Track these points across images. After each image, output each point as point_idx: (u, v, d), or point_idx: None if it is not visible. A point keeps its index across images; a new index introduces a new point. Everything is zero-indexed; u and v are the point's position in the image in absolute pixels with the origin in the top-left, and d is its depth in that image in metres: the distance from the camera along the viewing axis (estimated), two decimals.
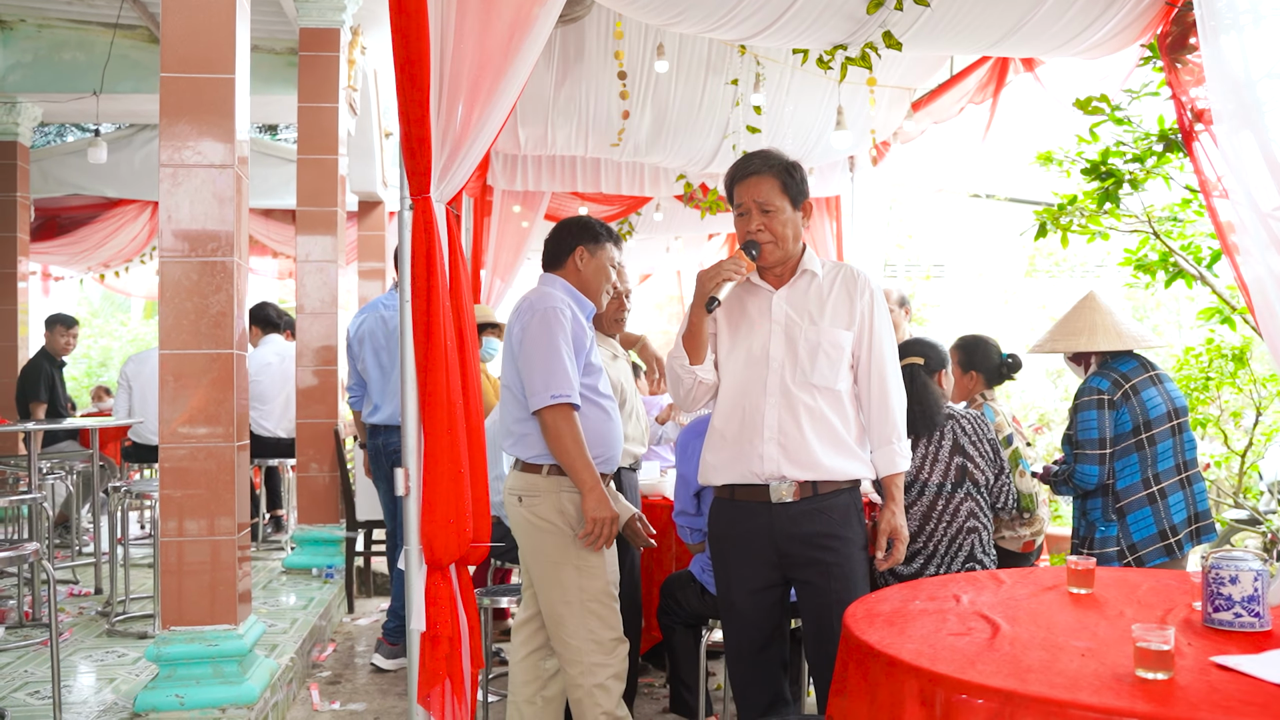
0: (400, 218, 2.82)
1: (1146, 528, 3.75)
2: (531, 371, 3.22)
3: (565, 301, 3.32)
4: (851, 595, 2.91)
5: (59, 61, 8.10)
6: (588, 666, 3.23)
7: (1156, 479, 3.76)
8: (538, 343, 3.23)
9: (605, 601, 3.27)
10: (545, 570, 3.29)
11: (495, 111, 2.90)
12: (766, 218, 2.99)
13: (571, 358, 3.23)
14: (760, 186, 3.00)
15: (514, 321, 3.35)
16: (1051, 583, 2.68)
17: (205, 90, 3.79)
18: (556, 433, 3.18)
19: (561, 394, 3.18)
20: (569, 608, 3.24)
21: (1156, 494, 3.75)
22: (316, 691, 4.62)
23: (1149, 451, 3.77)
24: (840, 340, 2.98)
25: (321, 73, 6.67)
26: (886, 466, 3.04)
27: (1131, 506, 3.77)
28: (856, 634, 2.22)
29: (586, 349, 3.33)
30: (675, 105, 6.49)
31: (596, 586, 3.26)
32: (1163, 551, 3.72)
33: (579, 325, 3.32)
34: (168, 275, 3.77)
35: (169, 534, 3.75)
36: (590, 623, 3.24)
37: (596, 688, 3.23)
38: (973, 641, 2.12)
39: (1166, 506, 3.74)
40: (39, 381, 7.44)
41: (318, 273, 6.67)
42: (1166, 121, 4.78)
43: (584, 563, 3.25)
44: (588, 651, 3.23)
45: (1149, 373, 3.87)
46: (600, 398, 3.37)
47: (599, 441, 3.33)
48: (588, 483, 3.18)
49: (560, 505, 3.26)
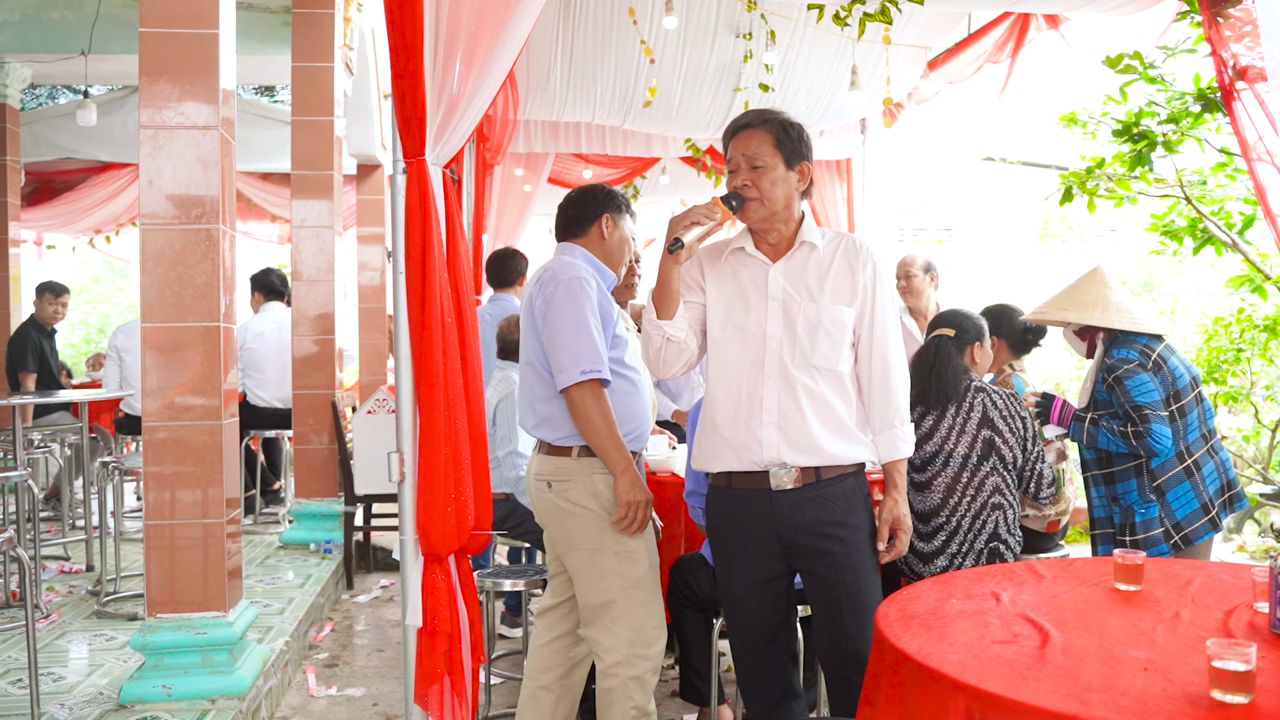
0: (393, 182, 2.61)
1: (1189, 503, 3.58)
2: (557, 346, 3.02)
3: (589, 271, 3.13)
4: (860, 586, 2.75)
5: (47, 20, 7.82)
6: (627, 658, 3.04)
7: (1189, 450, 3.60)
8: (563, 315, 3.03)
9: (648, 588, 3.09)
10: (582, 558, 3.09)
11: (495, 68, 2.68)
12: (755, 174, 2.74)
13: (599, 330, 3.04)
14: (752, 140, 2.76)
15: (536, 293, 3.13)
16: (1095, 578, 2.48)
17: (187, 47, 3.56)
18: (585, 411, 2.99)
19: (592, 369, 2.98)
20: (610, 595, 3.05)
21: (1192, 466, 3.58)
22: (313, 675, 4.46)
23: (1180, 423, 3.59)
24: (842, 317, 2.76)
25: (316, 31, 6.41)
26: (889, 452, 2.83)
27: (1170, 483, 3.59)
28: (891, 640, 2.03)
29: (614, 320, 3.13)
30: (683, 67, 6.27)
31: (638, 572, 3.07)
32: (1208, 526, 3.57)
33: (605, 296, 3.12)
34: (149, 244, 3.56)
35: (155, 517, 3.57)
36: (634, 611, 3.05)
37: (633, 680, 3.05)
38: (1021, 651, 1.92)
39: (1203, 478, 3.59)
40: (26, 351, 7.23)
41: (314, 239, 6.45)
42: (1203, 80, 4.55)
43: (623, 547, 3.06)
44: (630, 642, 3.04)
45: (1165, 344, 3.70)
46: (628, 370, 3.17)
47: (629, 417, 3.14)
48: (619, 464, 3.00)
49: (594, 488, 3.07)
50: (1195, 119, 4.54)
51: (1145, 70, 4.64)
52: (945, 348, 3.60)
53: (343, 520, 6.13)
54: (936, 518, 3.49)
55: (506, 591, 5.01)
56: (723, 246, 2.87)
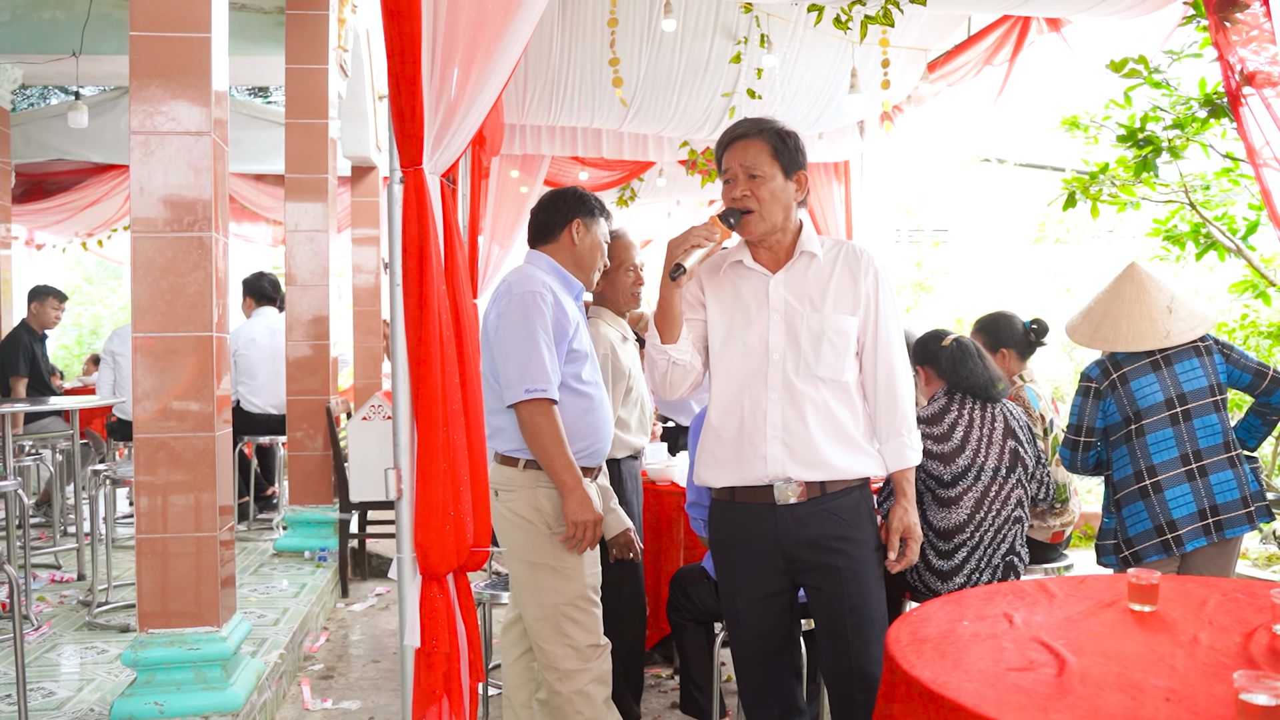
0: (390, 191, 2.54)
1: (1141, 522, 3.52)
2: (507, 362, 3.00)
3: (546, 284, 3.08)
4: (865, 600, 2.71)
5: (38, 21, 7.74)
6: (565, 673, 3.04)
7: (1151, 471, 3.51)
8: (514, 331, 3.00)
9: (583, 606, 3.06)
10: (520, 570, 3.08)
11: (495, 74, 2.61)
12: (753, 184, 2.68)
13: (551, 347, 3.00)
14: (749, 150, 2.70)
15: (490, 306, 3.12)
16: (1109, 597, 2.43)
17: (179, 50, 3.49)
18: (534, 429, 2.96)
19: (537, 388, 2.95)
20: (544, 611, 3.04)
21: (1149, 487, 3.50)
22: (308, 688, 4.39)
23: (1137, 443, 3.54)
24: (845, 327, 2.70)
25: (310, 32, 6.34)
26: (897, 461, 2.77)
27: (1125, 500, 3.57)
28: (904, 667, 1.97)
29: (570, 335, 3.08)
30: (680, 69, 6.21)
31: (574, 590, 3.04)
32: (1159, 548, 3.48)
33: (560, 309, 3.06)
34: (140, 252, 3.49)
35: (147, 529, 3.50)
36: (566, 628, 3.03)
37: (576, 694, 3.04)
38: (1038, 680, 1.87)
39: (1162, 501, 3.49)
40: (18, 355, 7.15)
41: (308, 242, 6.38)
42: (1209, 84, 4.50)
43: (561, 564, 3.03)
44: (564, 658, 3.03)
45: (1150, 358, 3.56)
46: (584, 385, 3.12)
47: (583, 433, 3.11)
48: (568, 483, 2.97)
49: (536, 502, 3.04)
50: (1201, 124, 4.50)
51: (1150, 75, 4.59)
52: (977, 346, 3.62)
53: (337, 527, 6.06)
54: (960, 534, 3.44)
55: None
56: (720, 260, 2.80)
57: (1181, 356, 3.56)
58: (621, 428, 3.65)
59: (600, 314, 3.74)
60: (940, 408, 3.55)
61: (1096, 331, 3.66)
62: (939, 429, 3.50)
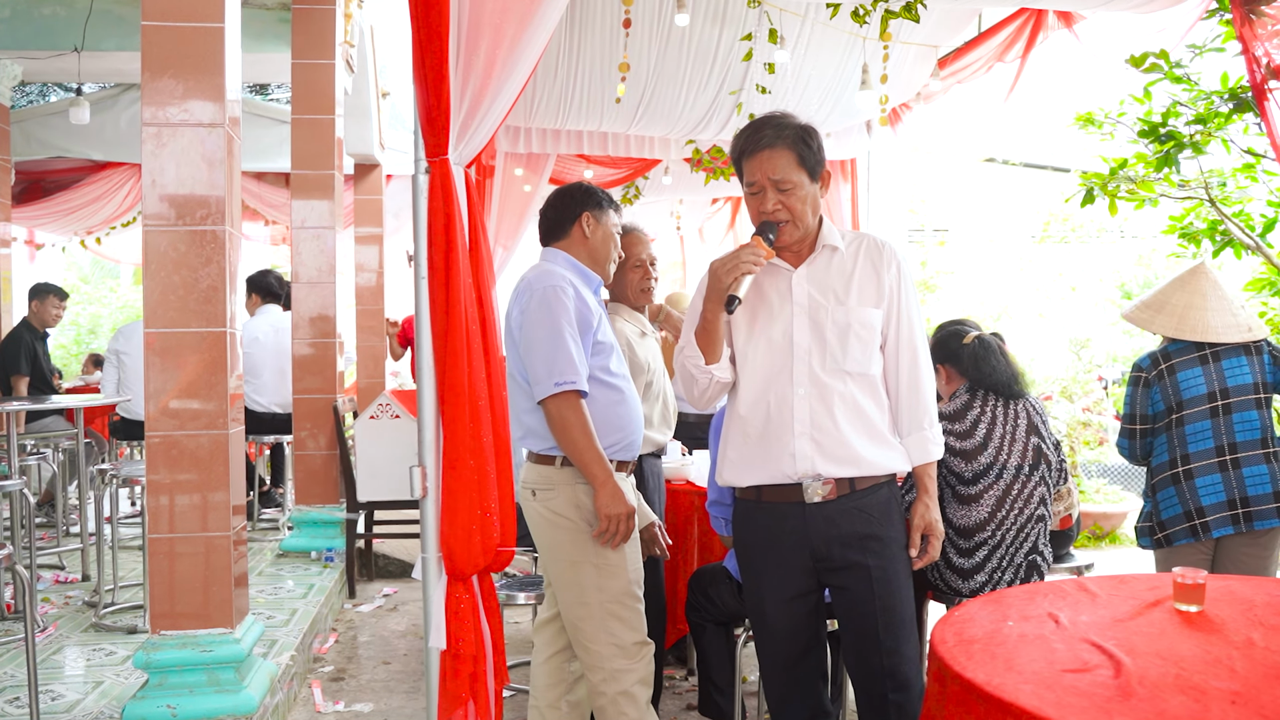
0: (415, 183, 2.48)
1: (1172, 507, 3.69)
2: (534, 359, 2.94)
3: (567, 278, 3.03)
4: (895, 601, 2.65)
5: (38, 16, 7.66)
6: (610, 673, 2.97)
7: (1185, 459, 3.67)
8: (539, 326, 2.95)
9: (628, 603, 3.00)
10: (562, 569, 3.02)
11: (521, 62, 2.55)
12: (784, 195, 2.63)
13: (576, 339, 2.95)
14: (775, 161, 2.64)
15: (512, 304, 3.07)
16: (1151, 596, 2.37)
17: (191, 41, 3.43)
18: (563, 423, 2.91)
19: (566, 380, 2.90)
20: (588, 609, 2.98)
21: (1181, 474, 3.67)
22: (319, 690, 4.32)
23: (1176, 432, 3.70)
24: (870, 319, 2.66)
25: (317, 26, 6.27)
26: (920, 455, 2.73)
27: (1160, 485, 3.74)
28: (955, 668, 1.91)
29: (594, 327, 3.03)
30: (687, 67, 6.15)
31: (618, 586, 2.98)
32: (1188, 532, 3.65)
33: (583, 303, 3.02)
34: (152, 246, 3.42)
35: (157, 529, 3.44)
36: (611, 626, 2.97)
37: (621, 695, 2.97)
38: (1095, 682, 1.81)
39: (1193, 488, 3.64)
40: (20, 353, 7.06)
41: (314, 239, 6.31)
42: (1231, 79, 4.45)
43: (603, 561, 2.97)
44: (609, 657, 2.97)
45: (1200, 352, 3.71)
46: (612, 378, 3.07)
47: (613, 427, 3.05)
48: (599, 476, 2.91)
49: (576, 499, 2.99)
50: (1224, 119, 4.44)
51: (1170, 70, 4.54)
52: (998, 343, 3.60)
53: (344, 528, 6.00)
54: (981, 533, 3.39)
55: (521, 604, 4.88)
56: None
57: (1230, 353, 3.69)
58: (644, 423, 3.59)
59: (616, 309, 3.69)
60: (963, 404, 3.50)
61: (1182, 322, 3.75)
62: (961, 425, 3.45)
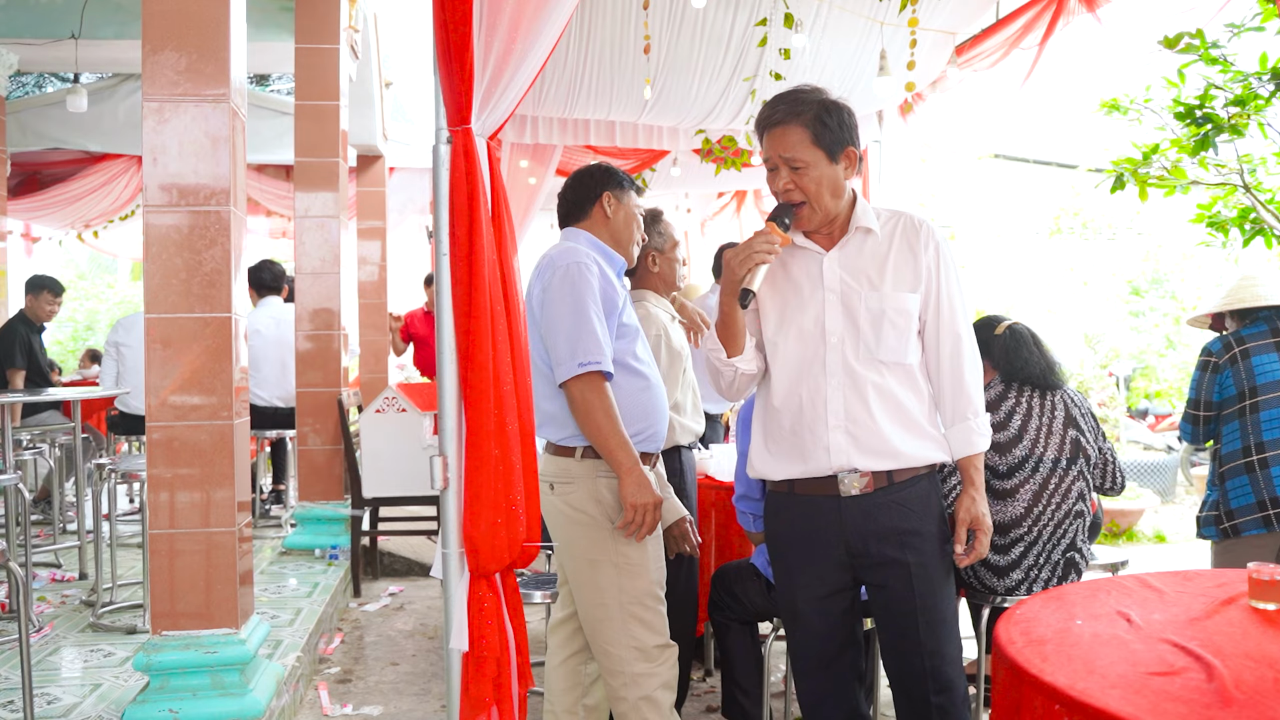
0: (436, 153, 2.33)
1: (1244, 496, 3.58)
2: (556, 338, 2.77)
3: (591, 256, 2.86)
4: (936, 599, 2.50)
5: (35, 3, 7.50)
6: (631, 677, 2.80)
7: (1259, 447, 3.56)
8: (562, 304, 2.77)
9: (649, 604, 2.82)
10: (580, 568, 2.85)
11: (547, 28, 2.40)
12: (796, 175, 2.47)
13: (602, 319, 2.77)
14: (787, 138, 2.47)
15: (534, 281, 2.89)
16: (1223, 594, 2.23)
17: (194, 12, 3.27)
18: (586, 407, 2.73)
19: (591, 360, 2.72)
20: (607, 611, 2.80)
21: (1256, 463, 3.56)
22: (325, 692, 4.17)
23: (1250, 419, 3.58)
24: (907, 305, 2.50)
25: (320, 12, 6.11)
26: (963, 447, 2.55)
27: (1230, 473, 3.63)
28: (1031, 670, 1.76)
29: (619, 309, 2.86)
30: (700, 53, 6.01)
31: (639, 587, 2.81)
32: (1260, 523, 3.54)
33: (608, 282, 2.85)
34: (154, 228, 3.26)
35: (158, 525, 3.28)
36: (632, 628, 2.80)
37: (643, 700, 2.80)
38: (1188, 686, 1.66)
39: (1268, 477, 3.53)
40: (15, 347, 6.90)
41: (318, 230, 6.15)
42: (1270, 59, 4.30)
43: (624, 559, 2.80)
44: (630, 661, 2.79)
45: (1276, 337, 3.63)
46: (637, 363, 2.89)
47: (638, 415, 2.87)
48: (624, 464, 2.73)
49: (597, 493, 2.82)
50: (1265, 101, 4.30)
51: (1206, 50, 4.39)
52: (1032, 333, 3.48)
53: (349, 524, 5.84)
54: (1017, 528, 3.25)
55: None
56: None
57: None
58: (677, 411, 3.44)
59: (644, 296, 3.54)
60: (997, 394, 3.36)
61: (1232, 295, 3.74)
62: (996, 416, 3.31)
